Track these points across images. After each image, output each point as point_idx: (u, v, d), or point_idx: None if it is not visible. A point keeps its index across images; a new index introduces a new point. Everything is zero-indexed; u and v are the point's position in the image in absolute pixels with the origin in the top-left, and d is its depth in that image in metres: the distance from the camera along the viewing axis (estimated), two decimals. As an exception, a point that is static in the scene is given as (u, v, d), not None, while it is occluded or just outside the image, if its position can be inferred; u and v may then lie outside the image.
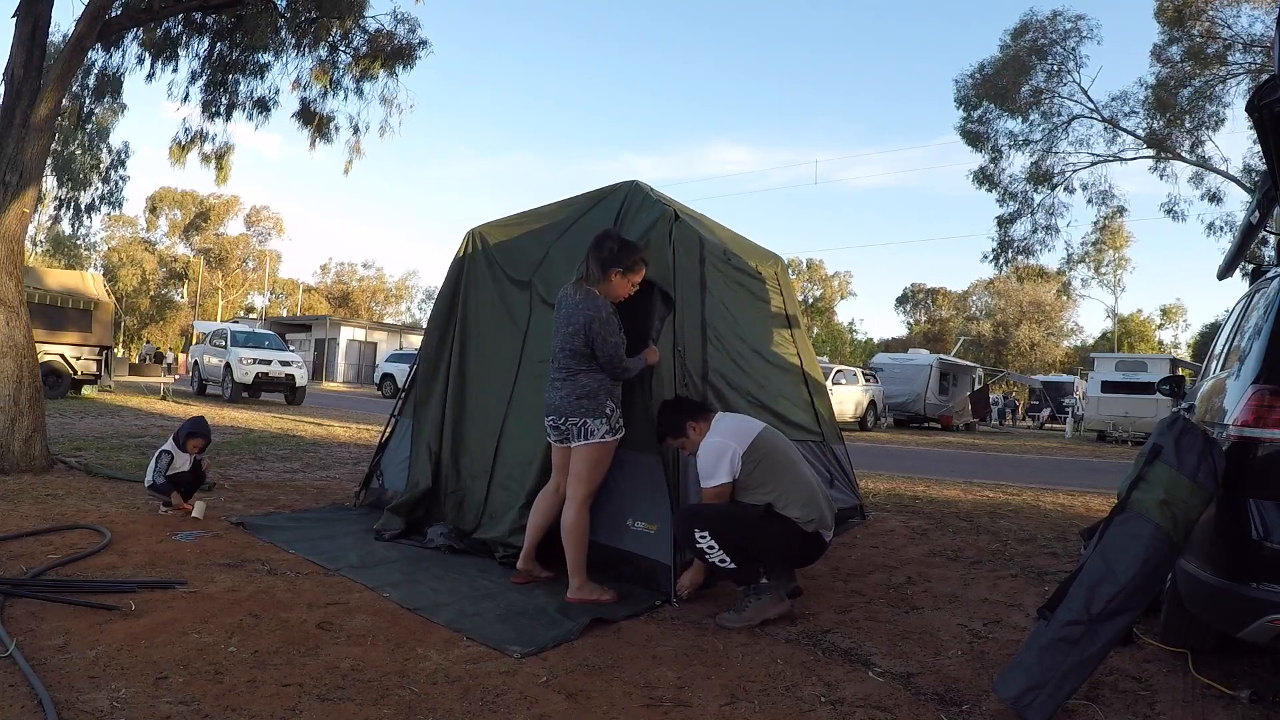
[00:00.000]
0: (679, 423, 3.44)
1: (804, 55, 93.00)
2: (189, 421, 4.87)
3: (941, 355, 26.52)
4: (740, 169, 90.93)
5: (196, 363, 19.43)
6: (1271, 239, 5.24)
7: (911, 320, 59.76)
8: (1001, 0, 44.82)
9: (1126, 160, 22.72)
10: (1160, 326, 53.14)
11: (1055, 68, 21.92)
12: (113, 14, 6.97)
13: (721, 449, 3.27)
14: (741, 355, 4.50)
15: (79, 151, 23.28)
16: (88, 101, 9.88)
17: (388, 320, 56.65)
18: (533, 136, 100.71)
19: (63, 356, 13.87)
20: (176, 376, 24.70)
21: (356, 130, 10.35)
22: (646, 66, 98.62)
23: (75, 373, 14.11)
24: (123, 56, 9.16)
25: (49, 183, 23.58)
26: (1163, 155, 21.44)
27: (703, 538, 3.18)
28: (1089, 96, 22.05)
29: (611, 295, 3.48)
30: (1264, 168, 3.62)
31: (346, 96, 9.99)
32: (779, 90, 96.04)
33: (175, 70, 9.22)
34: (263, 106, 9.82)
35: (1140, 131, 21.68)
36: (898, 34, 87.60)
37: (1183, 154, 21.07)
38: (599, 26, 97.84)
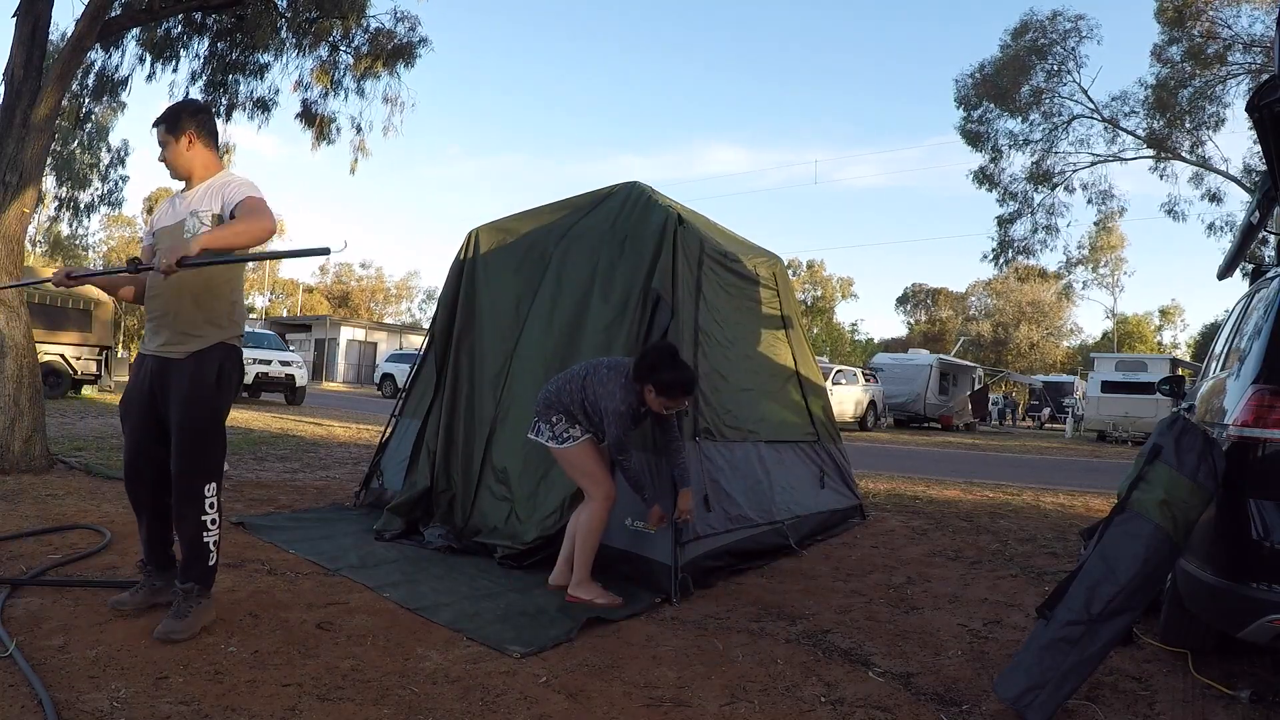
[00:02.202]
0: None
1: (800, 55, 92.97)
2: None
3: (941, 355, 26.52)
4: (736, 169, 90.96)
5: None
6: (1271, 239, 5.24)
7: (911, 320, 59.78)
8: (1001, 0, 44.75)
9: (1126, 160, 22.73)
10: (1159, 328, 53.17)
11: (1055, 68, 21.92)
12: (113, 14, 6.97)
13: None
14: (730, 360, 4.49)
15: (79, 151, 23.27)
16: (87, 101, 9.88)
17: (388, 320, 56.62)
18: (528, 137, 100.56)
19: (63, 356, 13.86)
20: None
21: (359, 130, 10.36)
22: (642, 67, 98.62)
23: (75, 373, 14.11)
24: (122, 56, 9.17)
25: (48, 182, 23.58)
26: (1163, 155, 21.43)
27: None
28: (1089, 96, 22.06)
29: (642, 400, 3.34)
30: (1264, 168, 3.62)
31: (347, 96, 9.99)
32: (776, 90, 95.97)
33: (175, 70, 9.23)
34: (263, 107, 9.82)
35: (1140, 131, 21.68)
36: (894, 34, 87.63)
37: (1183, 154, 21.07)
38: (593, 27, 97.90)
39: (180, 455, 2.70)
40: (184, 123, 2.80)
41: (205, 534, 2.73)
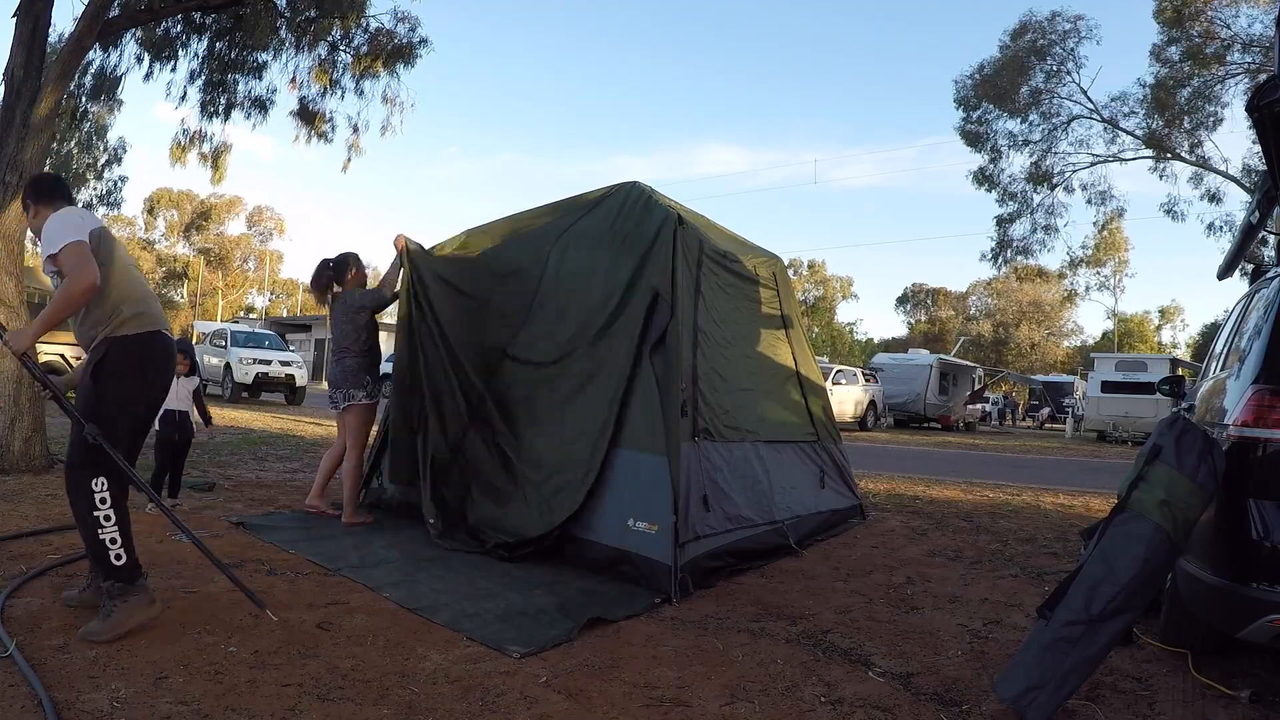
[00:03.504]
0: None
1: (795, 56, 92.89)
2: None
3: (941, 355, 26.51)
4: (733, 169, 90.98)
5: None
6: (1271, 239, 5.24)
7: (911, 320, 59.77)
8: (997, 1, 44.74)
9: (1126, 160, 22.73)
10: (1159, 328, 53.17)
11: (1055, 68, 21.92)
12: (112, 14, 6.97)
13: (77, 214, 2.84)
14: (729, 360, 4.49)
15: (76, 150, 23.21)
16: (85, 101, 9.88)
17: (388, 320, 56.50)
18: (526, 137, 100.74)
19: (63, 356, 13.85)
20: None
21: (356, 129, 10.35)
22: (637, 67, 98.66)
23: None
24: (121, 56, 9.17)
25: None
26: (1162, 155, 21.43)
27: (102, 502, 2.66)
28: (1088, 97, 22.06)
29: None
30: (1264, 168, 3.62)
31: (344, 95, 9.99)
32: (772, 91, 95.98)
33: (174, 70, 9.23)
34: (261, 106, 9.82)
35: (1139, 132, 21.69)
36: (890, 34, 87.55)
37: (1182, 154, 21.07)
38: (589, 28, 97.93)
39: (69, 447, 2.76)
40: (25, 200, 3.07)
41: (100, 531, 2.65)
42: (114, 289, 2.83)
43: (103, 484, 2.67)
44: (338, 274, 4.87)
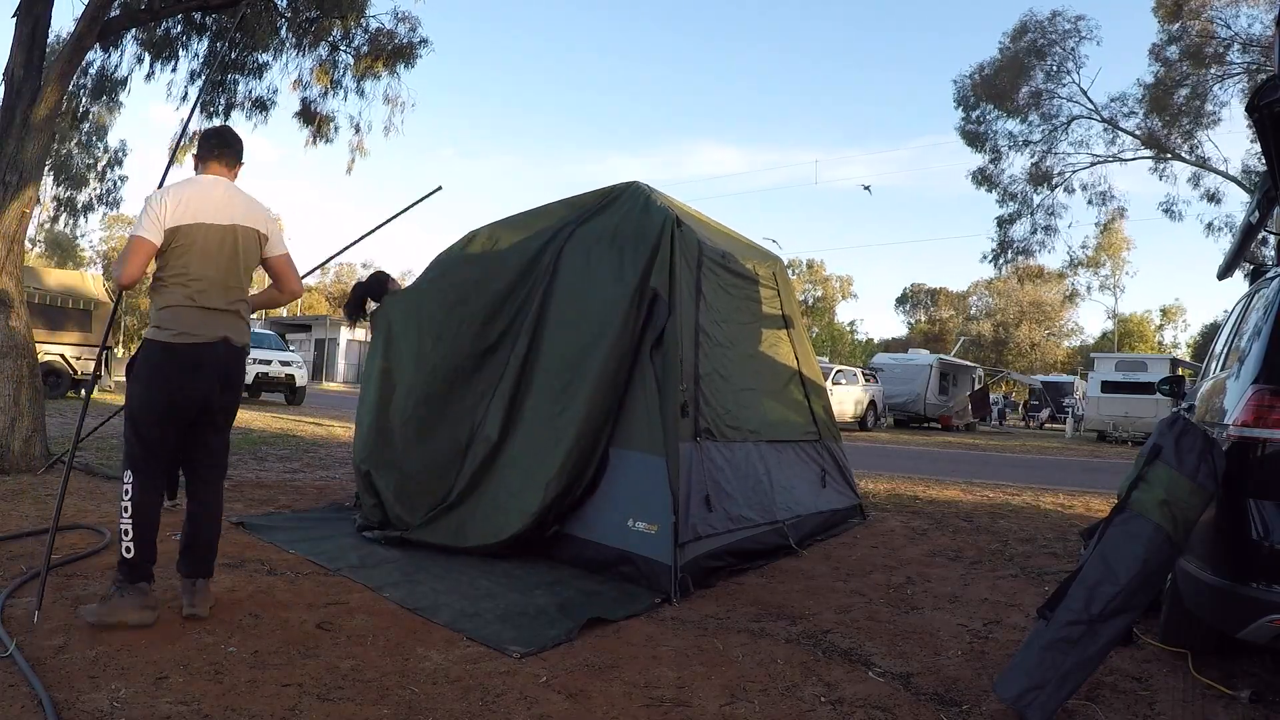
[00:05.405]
0: None
1: (792, 57, 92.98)
2: None
3: (941, 355, 26.50)
4: (729, 169, 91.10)
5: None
6: (1271, 239, 5.24)
7: (911, 320, 59.78)
8: (997, 1, 44.76)
9: (1126, 160, 22.74)
10: (1160, 327, 53.18)
11: (1055, 68, 21.94)
12: (112, 14, 6.97)
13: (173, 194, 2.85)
14: (731, 360, 4.49)
15: (75, 150, 23.18)
16: (85, 101, 9.89)
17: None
18: (522, 140, 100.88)
19: (63, 356, 13.86)
20: None
21: (358, 130, 10.37)
22: (633, 69, 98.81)
23: (75, 373, 14.11)
24: (121, 56, 9.18)
25: (46, 182, 23.49)
26: (1162, 155, 21.42)
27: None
28: (1088, 97, 22.08)
29: None
30: (1264, 168, 3.62)
31: (346, 96, 10.01)
32: (768, 92, 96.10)
33: (174, 70, 9.25)
34: (261, 106, 9.84)
35: (1139, 132, 21.69)
36: (886, 34, 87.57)
37: (1182, 154, 21.07)
38: (585, 31, 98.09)
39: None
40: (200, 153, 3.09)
41: (121, 520, 2.80)
42: (161, 293, 2.86)
43: (129, 477, 2.81)
44: (378, 292, 5.04)
